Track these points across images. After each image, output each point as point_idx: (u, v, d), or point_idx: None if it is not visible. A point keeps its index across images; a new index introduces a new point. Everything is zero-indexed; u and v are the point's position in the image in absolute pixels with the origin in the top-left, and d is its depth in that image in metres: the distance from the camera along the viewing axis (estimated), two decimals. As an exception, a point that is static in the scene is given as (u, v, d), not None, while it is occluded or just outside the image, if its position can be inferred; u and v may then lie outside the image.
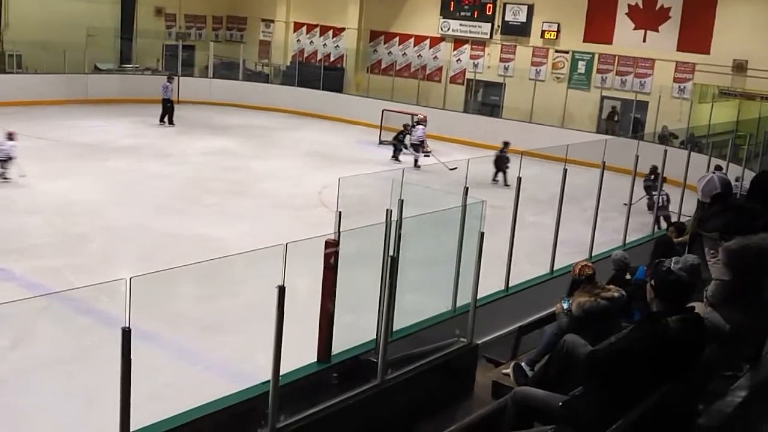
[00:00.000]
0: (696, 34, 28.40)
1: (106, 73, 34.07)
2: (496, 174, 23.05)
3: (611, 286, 7.57)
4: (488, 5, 32.97)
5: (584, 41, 31.00)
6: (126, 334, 4.80)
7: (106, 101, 31.79)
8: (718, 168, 16.89)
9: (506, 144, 23.70)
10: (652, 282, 4.94)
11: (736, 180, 15.47)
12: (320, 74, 34.84)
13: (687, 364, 4.80)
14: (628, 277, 9.40)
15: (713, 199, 6.61)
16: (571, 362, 6.06)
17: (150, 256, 14.14)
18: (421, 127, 26.03)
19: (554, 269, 11.31)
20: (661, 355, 4.69)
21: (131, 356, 4.93)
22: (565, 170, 11.26)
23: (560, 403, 5.20)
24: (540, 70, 32.04)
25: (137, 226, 16.30)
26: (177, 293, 11.15)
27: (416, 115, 28.53)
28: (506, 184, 21.85)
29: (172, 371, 10.02)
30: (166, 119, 29.66)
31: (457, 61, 34.35)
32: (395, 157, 26.11)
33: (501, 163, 23.06)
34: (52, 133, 25.46)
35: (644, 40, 29.68)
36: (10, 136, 19.21)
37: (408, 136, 26.22)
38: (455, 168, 19.49)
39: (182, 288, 11.15)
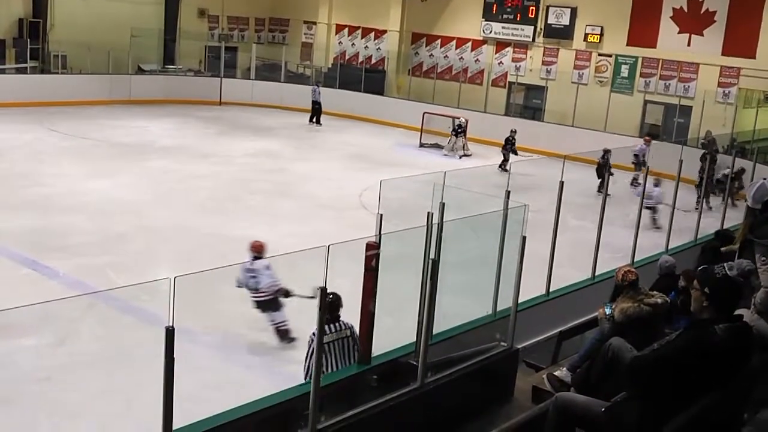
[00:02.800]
0: (741, 38, 28.05)
1: (149, 73, 34.42)
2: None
3: (654, 292, 7.50)
4: (531, 8, 32.81)
5: (628, 45, 30.74)
6: (169, 333, 4.82)
7: (149, 102, 32.11)
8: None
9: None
10: (706, 289, 4.83)
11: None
12: (361, 76, 34.86)
13: (733, 373, 4.74)
14: (683, 284, 9.24)
15: (765, 206, 6.48)
16: (616, 366, 6.01)
17: (192, 255, 14.24)
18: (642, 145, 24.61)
19: (596, 274, 11.20)
20: (706, 363, 4.63)
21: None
22: (608, 175, 11.16)
23: (603, 409, 5.15)
24: (583, 74, 31.83)
25: (179, 225, 16.43)
26: (219, 293, 11.23)
27: (458, 118, 28.51)
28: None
29: (212, 371, 10.07)
30: (314, 120, 31.75)
31: (499, 64, 34.22)
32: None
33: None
34: (96, 133, 25.76)
35: (689, 44, 29.37)
36: (657, 182, 18.49)
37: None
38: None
39: (224, 288, 11.24)
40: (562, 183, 10.42)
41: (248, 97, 34.69)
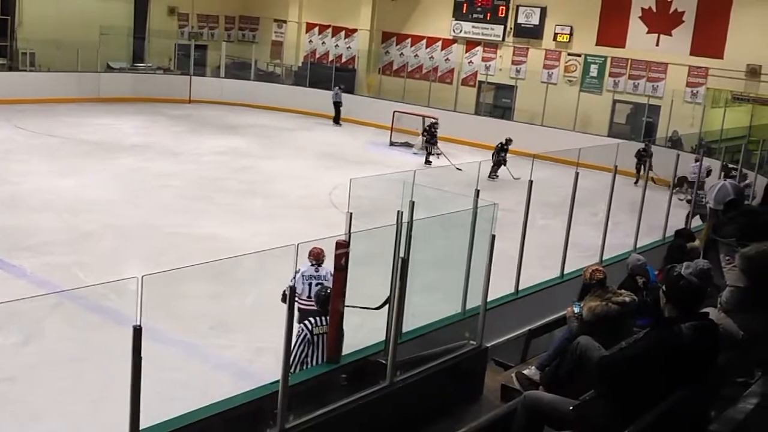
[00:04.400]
0: (709, 39, 28.30)
1: (118, 71, 34.17)
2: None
3: (622, 291, 7.53)
4: (501, 7, 32.93)
5: (597, 44, 30.92)
6: (137, 332, 4.78)
7: (118, 100, 31.88)
8: (727, 169, 17.03)
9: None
10: (664, 288, 4.92)
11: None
12: (332, 75, 34.78)
13: (699, 371, 4.77)
14: (643, 279, 9.33)
15: (727, 206, 6.58)
16: (584, 364, 6.04)
17: (159, 254, 14.16)
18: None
19: (565, 273, 11.25)
20: (673, 362, 4.66)
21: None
22: (577, 173, 11.21)
23: (571, 408, 5.17)
24: (552, 73, 31.98)
25: (147, 224, 16.32)
26: (187, 292, 11.16)
27: (431, 117, 28.57)
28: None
29: (181, 370, 10.02)
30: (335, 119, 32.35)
31: (469, 63, 34.30)
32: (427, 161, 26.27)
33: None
34: (64, 130, 25.54)
35: (657, 44, 29.60)
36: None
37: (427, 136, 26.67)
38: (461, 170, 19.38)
39: (192, 287, 11.18)
40: (531, 182, 10.46)
41: (218, 95, 34.54)
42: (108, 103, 31.26)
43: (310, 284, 10.16)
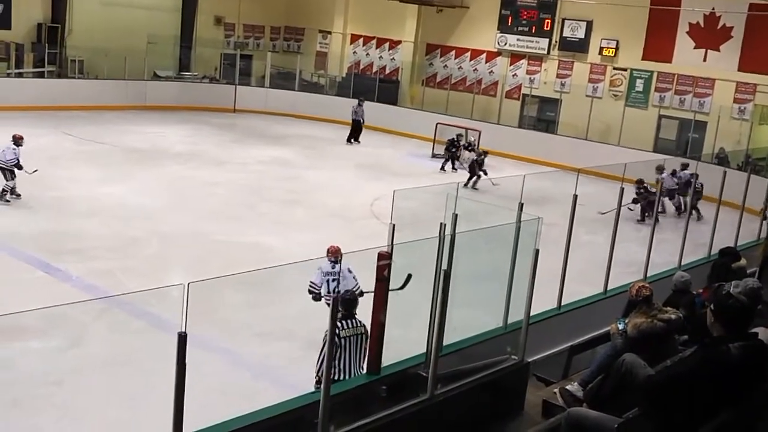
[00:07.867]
0: (758, 55, 27.93)
1: (164, 80, 34.51)
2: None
3: (668, 308, 7.47)
4: (546, 21, 32.80)
5: (643, 59, 30.65)
6: (182, 339, 4.81)
7: (164, 108, 32.18)
8: None
9: None
10: (712, 306, 4.84)
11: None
12: (375, 86, 34.83)
13: (747, 391, 4.71)
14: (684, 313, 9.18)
15: None
16: (629, 382, 5.98)
17: (204, 262, 14.26)
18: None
19: (608, 289, 11.15)
20: (720, 382, 4.60)
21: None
22: (622, 189, 11.12)
23: (615, 426, 5.12)
24: (597, 87, 31.74)
25: (192, 231, 16.46)
26: (230, 300, 11.22)
27: (474, 130, 28.53)
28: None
29: (222, 377, 10.07)
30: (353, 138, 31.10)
31: (513, 76, 34.19)
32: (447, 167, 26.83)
33: None
34: (111, 137, 25.83)
35: (704, 60, 29.26)
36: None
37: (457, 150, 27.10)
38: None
39: (236, 295, 11.23)
40: (575, 196, 10.38)
41: (262, 104, 34.77)
42: (154, 111, 31.57)
43: (327, 281, 10.58)
